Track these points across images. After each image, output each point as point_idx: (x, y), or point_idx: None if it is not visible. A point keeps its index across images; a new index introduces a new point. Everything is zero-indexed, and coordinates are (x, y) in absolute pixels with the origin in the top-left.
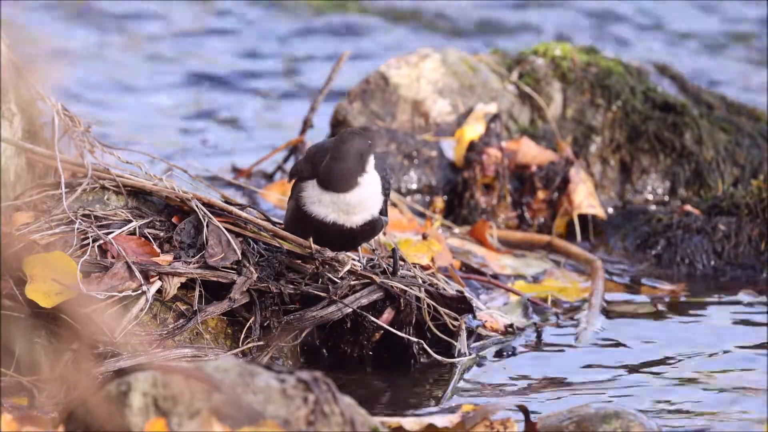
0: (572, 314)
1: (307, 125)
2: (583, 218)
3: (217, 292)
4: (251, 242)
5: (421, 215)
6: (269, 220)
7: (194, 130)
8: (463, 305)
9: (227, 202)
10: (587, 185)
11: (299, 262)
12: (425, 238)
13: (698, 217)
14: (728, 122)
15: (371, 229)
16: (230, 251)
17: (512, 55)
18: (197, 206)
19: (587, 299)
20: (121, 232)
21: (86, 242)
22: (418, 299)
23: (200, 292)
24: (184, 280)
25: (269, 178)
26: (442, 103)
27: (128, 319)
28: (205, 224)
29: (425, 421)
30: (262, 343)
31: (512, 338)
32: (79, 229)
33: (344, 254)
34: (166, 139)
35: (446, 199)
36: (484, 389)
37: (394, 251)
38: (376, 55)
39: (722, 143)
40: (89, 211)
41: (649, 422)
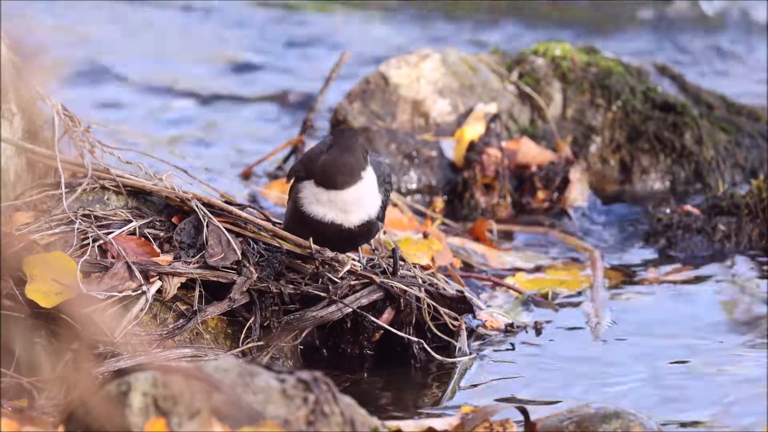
0: (574, 309)
1: (307, 125)
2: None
3: (217, 292)
4: (251, 242)
5: (421, 215)
6: (269, 219)
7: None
8: (463, 305)
9: (227, 202)
10: (582, 184)
11: (299, 262)
12: (426, 236)
13: (698, 217)
14: (728, 122)
15: (368, 230)
16: (230, 251)
17: (512, 55)
18: (197, 206)
19: (587, 290)
20: (121, 232)
21: (86, 242)
22: (418, 299)
23: (200, 292)
24: (184, 280)
25: (270, 177)
26: (442, 103)
27: (128, 319)
28: (205, 224)
29: (424, 424)
30: (262, 343)
31: (513, 337)
32: (79, 229)
33: (344, 254)
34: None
35: (446, 199)
36: (484, 389)
37: (394, 251)
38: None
39: (722, 143)
40: (89, 211)
41: (649, 422)
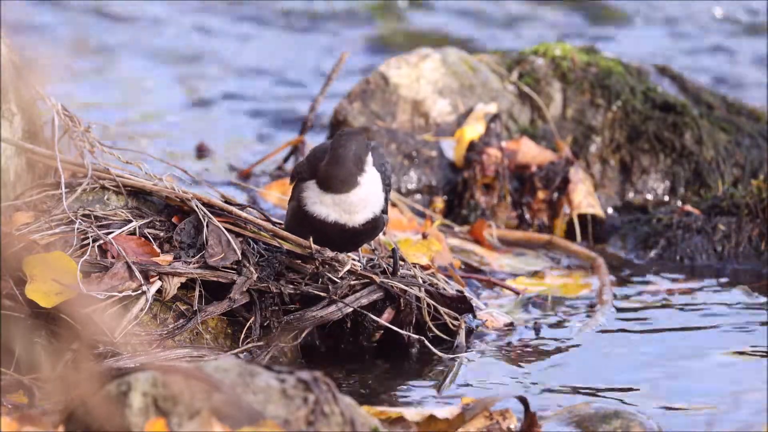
0: (574, 311)
1: (307, 125)
2: (582, 219)
3: (217, 292)
4: (251, 242)
5: (421, 215)
6: (269, 219)
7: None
8: (463, 305)
9: (227, 202)
10: (586, 185)
11: (299, 262)
12: (425, 237)
13: (698, 217)
14: (728, 122)
15: (373, 227)
16: (230, 251)
17: (512, 55)
18: (197, 206)
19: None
20: (121, 232)
21: (86, 242)
22: (418, 299)
23: (200, 292)
24: (184, 280)
25: (271, 177)
26: (442, 103)
27: (128, 319)
28: (205, 224)
29: (426, 411)
30: (262, 343)
31: (512, 336)
32: (79, 229)
33: (344, 254)
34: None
35: (446, 199)
36: (483, 384)
37: (394, 251)
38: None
39: (722, 143)
40: (89, 211)
41: (649, 422)
